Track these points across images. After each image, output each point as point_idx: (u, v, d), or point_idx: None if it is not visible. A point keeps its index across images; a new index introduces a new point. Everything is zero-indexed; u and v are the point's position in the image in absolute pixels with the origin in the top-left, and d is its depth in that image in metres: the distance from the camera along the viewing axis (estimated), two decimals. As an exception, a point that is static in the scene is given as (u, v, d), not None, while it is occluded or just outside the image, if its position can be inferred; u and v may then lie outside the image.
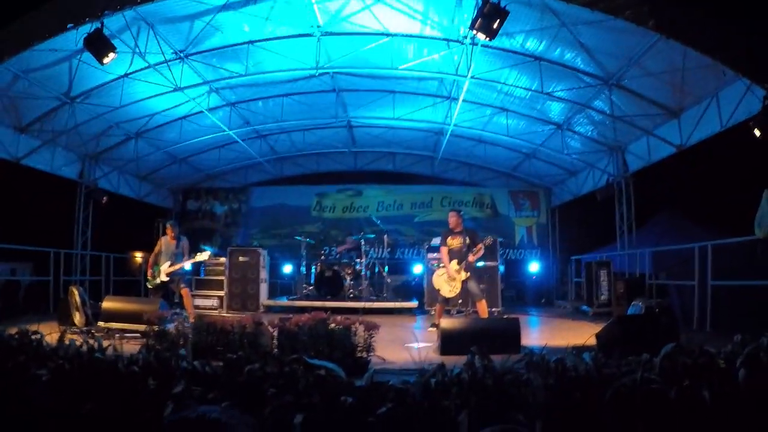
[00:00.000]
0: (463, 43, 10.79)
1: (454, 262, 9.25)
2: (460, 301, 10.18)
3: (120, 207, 17.44)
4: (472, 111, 14.43)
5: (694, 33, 7.87)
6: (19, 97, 11.47)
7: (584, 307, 13.87)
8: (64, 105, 12.16)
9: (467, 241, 9.36)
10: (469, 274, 9.23)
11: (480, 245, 9.26)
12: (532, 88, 12.14)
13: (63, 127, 12.66)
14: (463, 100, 12.73)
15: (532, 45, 10.81)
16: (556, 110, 13.72)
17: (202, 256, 10.62)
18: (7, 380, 1.70)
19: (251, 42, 11.28)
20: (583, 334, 7.64)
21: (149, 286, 10.35)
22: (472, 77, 11.23)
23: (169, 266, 10.04)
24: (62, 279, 13.39)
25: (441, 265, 9.73)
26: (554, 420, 3.31)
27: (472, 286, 9.25)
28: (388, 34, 10.99)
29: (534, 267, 18.90)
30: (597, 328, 7.43)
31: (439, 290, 9.48)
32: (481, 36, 8.37)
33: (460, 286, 9.23)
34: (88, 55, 9.31)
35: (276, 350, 5.53)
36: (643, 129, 12.43)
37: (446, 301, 9.60)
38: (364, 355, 5.90)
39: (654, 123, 12.12)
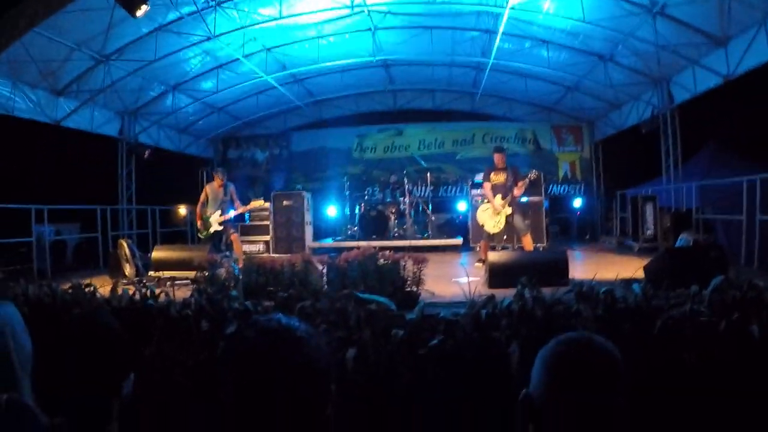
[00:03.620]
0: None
1: (499, 196, 9.21)
2: (505, 237, 10.12)
3: (161, 160, 17.67)
4: (511, 44, 14.07)
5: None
6: (54, 61, 11.51)
7: (630, 242, 13.71)
8: (99, 63, 12.20)
9: (510, 177, 9.30)
10: (513, 209, 9.19)
11: (525, 179, 9.19)
12: (574, 17, 11.74)
13: (100, 85, 12.72)
14: (503, 33, 12.42)
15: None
16: (598, 41, 13.24)
17: (256, 203, 10.74)
18: (65, 334, 1.78)
19: (284, -16, 11.14)
20: (629, 267, 7.57)
21: (201, 237, 10.52)
22: (511, 8, 10.94)
23: (221, 215, 10.17)
24: (110, 234, 13.68)
25: (485, 200, 9.69)
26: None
27: (517, 220, 9.21)
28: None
29: (578, 202, 18.69)
30: (643, 262, 7.36)
31: (483, 226, 9.48)
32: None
33: (504, 221, 9.20)
34: (119, 11, 9.28)
35: (326, 287, 5.62)
36: (688, 58, 11.96)
37: (491, 237, 9.61)
38: (414, 288, 5.96)
39: (699, 52, 11.63)
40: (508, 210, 9.16)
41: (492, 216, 9.27)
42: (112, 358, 1.90)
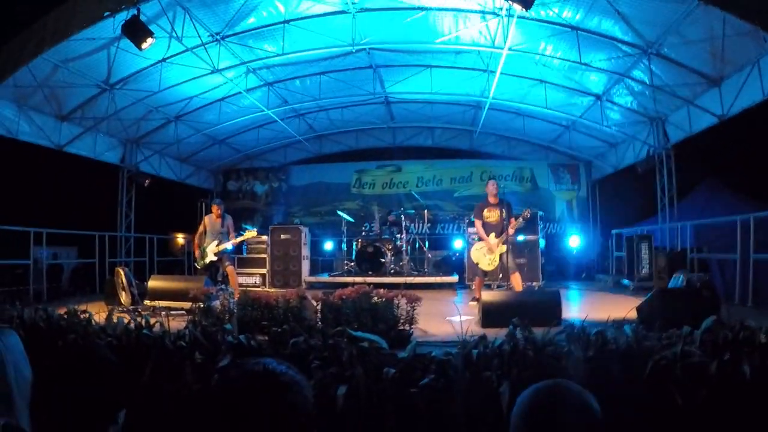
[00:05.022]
0: (499, 15, 10.67)
1: (492, 235, 9.23)
2: (500, 275, 10.14)
3: (162, 189, 17.81)
4: (509, 83, 14.25)
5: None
6: (60, 87, 11.71)
7: (625, 281, 13.74)
8: (104, 92, 12.40)
9: (504, 213, 9.31)
10: (506, 247, 9.23)
11: (519, 218, 9.24)
12: (570, 59, 11.91)
13: (104, 113, 12.94)
14: (501, 73, 12.60)
15: (569, 15, 10.61)
16: (594, 81, 13.46)
17: (249, 234, 10.81)
18: (59, 359, 1.80)
19: (287, 21, 11.29)
20: (623, 307, 7.58)
21: (197, 267, 10.57)
22: (509, 49, 11.13)
23: (217, 245, 10.23)
24: (107, 261, 13.75)
25: (478, 238, 9.73)
26: (594, 391, 3.34)
27: (508, 259, 9.23)
28: (423, 8, 10.91)
29: (574, 241, 18.71)
30: (637, 301, 7.37)
31: (477, 264, 9.50)
32: (517, 7, 8.30)
33: (499, 259, 9.23)
34: (125, 42, 9.50)
35: (320, 323, 5.64)
36: (683, 98, 12.14)
37: (485, 274, 9.61)
38: (407, 327, 5.96)
39: (694, 92, 11.83)
40: (503, 248, 9.18)
41: (486, 254, 9.30)
42: (106, 389, 1.92)
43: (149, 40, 9.10)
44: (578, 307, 9.99)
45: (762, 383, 3.38)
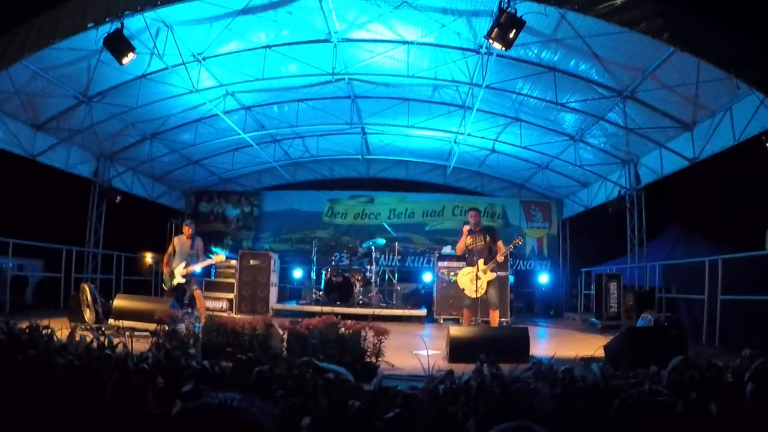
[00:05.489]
0: (479, 53, 10.84)
1: (481, 261, 8.96)
2: (478, 311, 9.82)
3: (133, 207, 17.60)
4: (486, 120, 14.46)
5: (709, 46, 7.85)
6: (37, 95, 11.57)
7: (593, 320, 13.82)
8: (81, 104, 12.28)
9: (488, 239, 9.16)
10: (495, 275, 9.12)
11: (510, 245, 9.16)
12: (546, 99, 12.11)
13: (79, 125, 12.80)
14: (477, 110, 12.76)
15: (547, 55, 10.83)
16: (569, 121, 13.71)
17: (218, 258, 10.70)
18: (17, 374, 1.73)
19: (268, 47, 11.36)
20: (591, 345, 7.62)
21: (165, 287, 10.41)
22: (486, 86, 11.28)
23: (185, 267, 10.09)
24: (73, 276, 13.51)
25: (466, 264, 9.42)
26: (561, 429, 3.32)
27: (492, 293, 9.08)
28: (404, 42, 11.06)
29: (543, 278, 18.85)
30: (606, 340, 7.41)
31: (463, 290, 9.24)
32: (497, 45, 8.40)
33: (486, 286, 9.02)
34: (106, 55, 9.41)
35: (285, 352, 5.56)
36: (656, 141, 12.41)
37: (474, 304, 9.15)
38: (373, 360, 5.91)
39: (667, 136, 12.10)
40: (492, 275, 9.05)
41: (473, 280, 8.96)
42: (57, 408, 1.86)
43: (130, 55, 9.05)
44: (546, 344, 10.01)
45: (729, 422, 3.38)
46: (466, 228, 9.32)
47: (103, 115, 12.97)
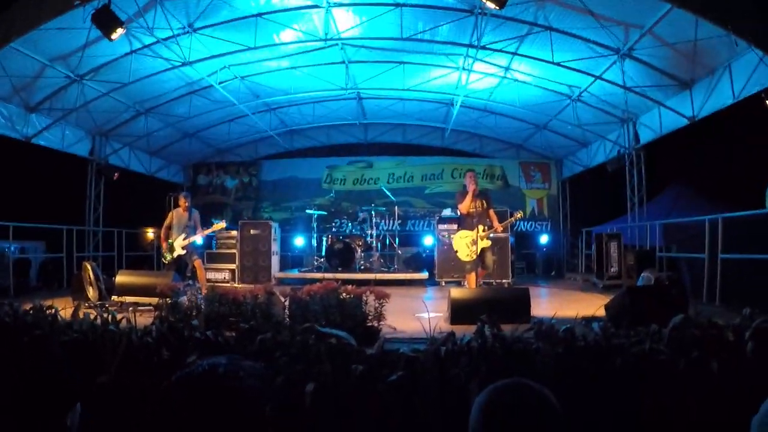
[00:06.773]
0: (473, 13, 10.70)
1: (482, 227, 8.99)
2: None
3: (131, 183, 17.55)
4: (482, 82, 14.32)
5: (706, 2, 7.76)
6: (29, 77, 11.46)
7: (594, 279, 13.86)
8: (73, 83, 12.16)
9: (484, 205, 9.17)
10: (491, 243, 9.15)
11: (510, 219, 9.17)
12: (543, 59, 11.99)
13: (73, 104, 12.69)
14: (473, 71, 12.63)
15: (543, 15, 10.68)
16: (567, 81, 13.55)
17: (218, 226, 10.70)
18: (23, 354, 1.73)
19: (260, 14, 11.20)
20: (592, 305, 7.65)
21: (164, 261, 10.43)
22: (482, 47, 11.14)
23: (184, 239, 10.10)
24: (75, 255, 13.54)
25: (462, 228, 9.35)
26: (563, 388, 3.34)
27: (489, 257, 9.14)
28: (398, 4, 10.88)
29: (544, 239, 18.89)
30: (606, 299, 7.43)
31: (456, 252, 9.29)
32: (491, 5, 8.29)
33: (479, 252, 9.01)
34: (95, 31, 9.30)
35: (288, 320, 5.58)
36: (654, 100, 12.30)
37: (473, 266, 9.10)
38: (375, 324, 5.92)
39: (666, 94, 12.01)
40: (487, 243, 9.07)
41: (468, 244, 9.00)
42: (53, 388, 1.86)
43: (119, 30, 8.94)
44: (547, 304, 10.03)
45: (729, 380, 3.40)
46: (473, 188, 9.16)
47: (97, 92, 12.85)
